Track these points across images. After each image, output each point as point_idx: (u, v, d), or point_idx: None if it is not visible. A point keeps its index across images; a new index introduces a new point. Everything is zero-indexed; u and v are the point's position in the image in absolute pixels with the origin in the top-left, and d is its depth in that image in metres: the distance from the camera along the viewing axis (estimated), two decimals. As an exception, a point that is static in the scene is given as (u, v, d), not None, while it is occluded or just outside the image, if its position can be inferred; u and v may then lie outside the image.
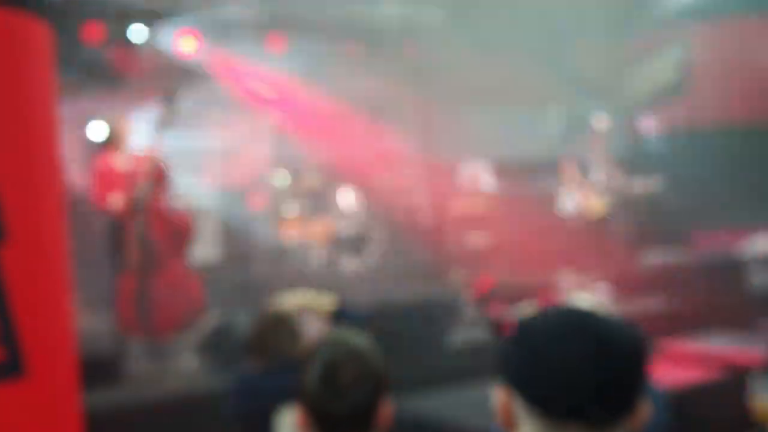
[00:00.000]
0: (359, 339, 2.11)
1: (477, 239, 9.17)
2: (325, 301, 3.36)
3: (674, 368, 4.53)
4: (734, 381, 4.53)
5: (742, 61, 8.52)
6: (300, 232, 8.61)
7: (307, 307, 3.37)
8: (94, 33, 8.70)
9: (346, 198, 8.75)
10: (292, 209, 8.72)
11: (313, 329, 3.38)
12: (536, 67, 10.80)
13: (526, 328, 1.24)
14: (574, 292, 1.57)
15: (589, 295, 1.43)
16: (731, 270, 6.97)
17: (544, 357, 1.18)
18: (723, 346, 5.23)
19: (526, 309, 2.06)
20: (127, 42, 9.39)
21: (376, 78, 10.71)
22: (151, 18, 9.06)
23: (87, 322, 6.76)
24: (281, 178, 8.85)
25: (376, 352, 2.09)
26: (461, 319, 6.25)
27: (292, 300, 3.36)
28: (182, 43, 9.42)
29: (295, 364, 3.12)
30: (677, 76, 9.00)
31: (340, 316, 3.29)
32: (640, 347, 1.20)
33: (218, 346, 5.12)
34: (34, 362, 2.77)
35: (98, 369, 4.41)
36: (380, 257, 8.76)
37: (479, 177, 9.82)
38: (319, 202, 8.95)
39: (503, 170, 10.18)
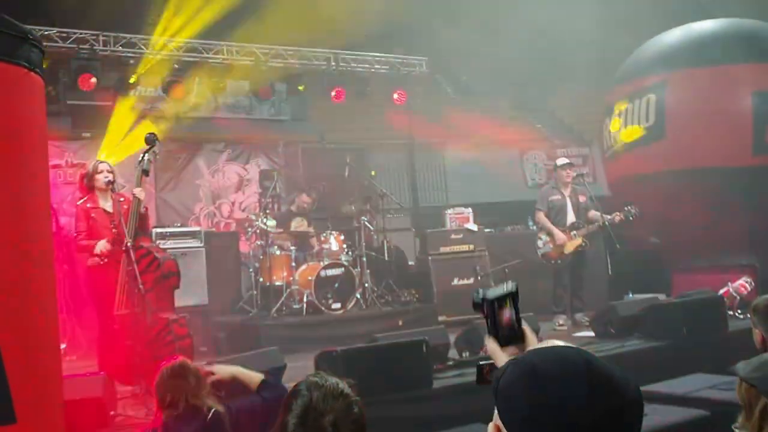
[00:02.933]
0: (338, 381, 2.08)
1: (463, 280, 9.26)
2: (254, 374, 3.65)
3: (653, 411, 4.59)
4: (710, 423, 4.59)
5: (717, 106, 8.75)
6: (287, 275, 8.66)
7: (238, 377, 3.64)
8: (86, 83, 8.89)
9: (332, 241, 8.82)
10: (279, 252, 8.78)
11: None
12: (517, 113, 11.09)
13: (525, 369, 1.22)
14: (547, 340, 1.63)
15: (562, 342, 1.50)
16: (710, 312, 7.04)
17: (542, 399, 1.16)
18: (701, 388, 5.28)
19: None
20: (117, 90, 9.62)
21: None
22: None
23: (76, 367, 6.77)
24: (269, 222, 8.92)
25: (356, 394, 2.07)
26: (447, 362, 6.27)
27: (224, 370, 3.66)
28: (172, 91, 9.66)
29: (197, 415, 3.32)
30: (654, 121, 9.22)
31: (265, 387, 3.55)
32: (637, 394, 1.19)
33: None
34: (24, 409, 2.83)
35: (88, 413, 4.44)
36: (366, 299, 8.81)
37: (464, 220, 9.93)
38: (306, 245, 9.03)
39: (485, 214, 10.32)
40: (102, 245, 5.60)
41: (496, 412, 1.26)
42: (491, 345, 1.48)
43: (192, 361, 5.60)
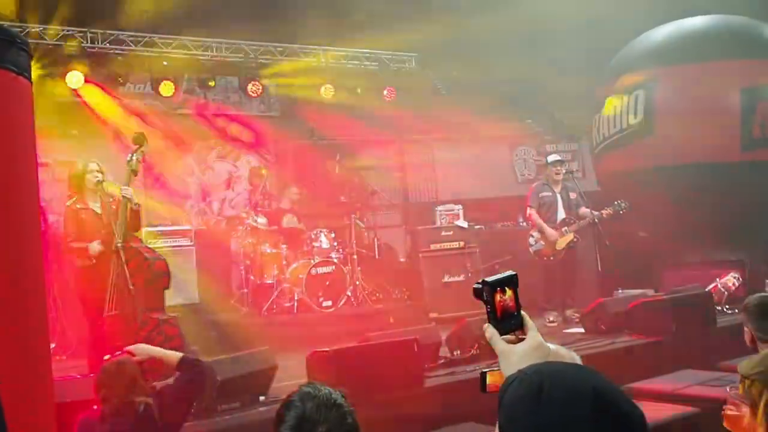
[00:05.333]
0: (331, 391, 2.09)
1: (453, 277, 9.27)
2: (171, 353, 3.74)
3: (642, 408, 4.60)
4: (699, 420, 4.62)
5: (705, 102, 8.79)
6: (278, 273, 8.65)
7: (156, 357, 3.71)
8: (74, 80, 8.82)
9: (323, 239, 8.81)
10: (270, 250, 8.77)
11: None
12: (507, 108, 11.07)
13: (530, 389, 1.19)
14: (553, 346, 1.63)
15: (557, 346, 1.50)
16: (698, 308, 7.08)
17: (544, 425, 1.14)
18: (690, 384, 5.31)
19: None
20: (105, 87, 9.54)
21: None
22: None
23: (66, 367, 6.73)
24: (260, 220, 8.90)
25: (349, 404, 2.09)
26: (438, 360, 6.27)
27: (143, 350, 3.70)
28: (161, 88, 9.59)
29: (129, 410, 3.38)
30: (643, 117, 9.26)
31: (184, 365, 3.63)
32: (643, 424, 1.17)
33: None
34: (15, 414, 2.81)
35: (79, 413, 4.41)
36: (357, 297, 8.81)
37: (454, 217, 9.94)
38: (296, 243, 9.01)
39: (475, 210, 10.34)
40: (94, 248, 5.55)
41: (498, 424, 1.24)
42: (490, 331, 1.46)
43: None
